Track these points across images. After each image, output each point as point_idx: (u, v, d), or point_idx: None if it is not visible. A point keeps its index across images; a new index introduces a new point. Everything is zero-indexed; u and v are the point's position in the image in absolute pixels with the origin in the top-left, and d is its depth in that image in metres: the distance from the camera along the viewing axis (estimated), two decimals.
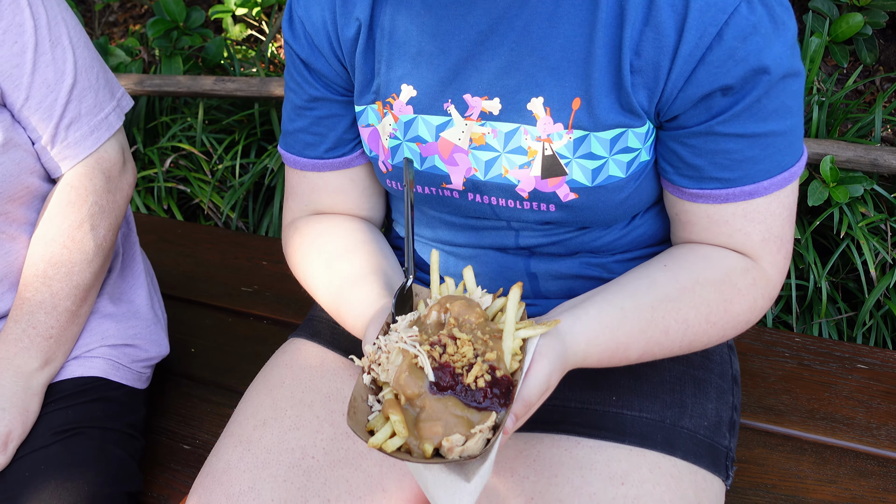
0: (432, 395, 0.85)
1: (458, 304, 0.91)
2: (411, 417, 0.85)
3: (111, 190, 1.38)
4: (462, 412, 0.84)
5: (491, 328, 0.90)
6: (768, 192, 1.04)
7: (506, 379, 0.86)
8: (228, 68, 2.89)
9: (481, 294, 0.97)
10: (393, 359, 0.89)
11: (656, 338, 1.02)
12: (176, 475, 1.44)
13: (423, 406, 0.85)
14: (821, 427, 1.43)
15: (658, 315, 1.02)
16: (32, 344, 1.29)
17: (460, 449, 0.83)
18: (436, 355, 0.86)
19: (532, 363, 0.89)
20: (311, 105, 1.19)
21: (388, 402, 0.86)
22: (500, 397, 0.85)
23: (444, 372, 0.85)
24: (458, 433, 0.83)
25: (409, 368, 0.86)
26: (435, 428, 0.83)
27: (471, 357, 0.86)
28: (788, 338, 1.63)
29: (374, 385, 0.92)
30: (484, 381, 0.85)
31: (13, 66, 1.25)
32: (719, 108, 1.00)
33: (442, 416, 0.84)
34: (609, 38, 0.99)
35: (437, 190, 1.14)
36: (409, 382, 0.85)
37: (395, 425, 0.84)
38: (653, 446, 1.10)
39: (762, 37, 0.96)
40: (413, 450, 0.84)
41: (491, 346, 0.87)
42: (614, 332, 0.98)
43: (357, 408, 0.88)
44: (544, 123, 1.04)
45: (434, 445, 0.83)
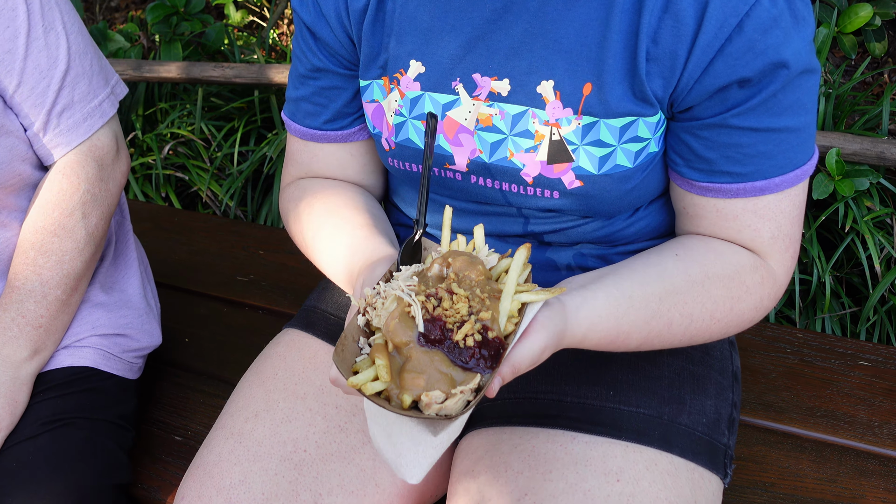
0: (420, 346, 0.83)
1: (460, 260, 0.89)
2: (397, 365, 0.84)
3: (104, 178, 1.36)
4: (447, 369, 0.83)
5: (491, 287, 0.87)
6: (779, 189, 1.02)
7: (497, 341, 0.84)
8: (228, 54, 2.87)
9: (488, 253, 0.94)
10: (388, 304, 0.87)
11: (658, 329, 1.00)
12: (167, 467, 1.43)
13: (410, 356, 0.83)
14: (821, 425, 1.41)
15: (664, 307, 1.00)
16: (21, 333, 1.27)
17: (438, 406, 0.81)
18: (429, 307, 0.84)
19: (529, 331, 0.87)
20: (313, 74, 1.18)
21: (376, 346, 0.85)
22: (487, 360, 0.83)
23: (435, 325, 0.83)
24: (439, 390, 0.81)
25: (400, 316, 0.84)
26: (417, 380, 0.82)
27: (464, 314, 0.84)
28: (790, 333, 1.60)
29: (367, 328, 0.90)
30: (473, 340, 0.83)
31: (5, 51, 1.22)
32: (735, 101, 0.98)
33: (426, 369, 0.82)
34: (626, 24, 0.97)
35: (440, 171, 1.12)
36: (398, 330, 0.84)
37: (379, 370, 0.83)
38: (650, 443, 1.08)
39: (782, 30, 0.94)
40: (392, 397, 0.83)
41: (487, 306, 0.85)
42: (618, 320, 0.96)
43: (346, 346, 0.87)
44: (553, 107, 1.02)
45: (413, 398, 0.82)
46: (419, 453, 0.86)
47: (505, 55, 1.03)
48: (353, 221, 1.14)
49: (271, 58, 2.87)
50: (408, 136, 1.11)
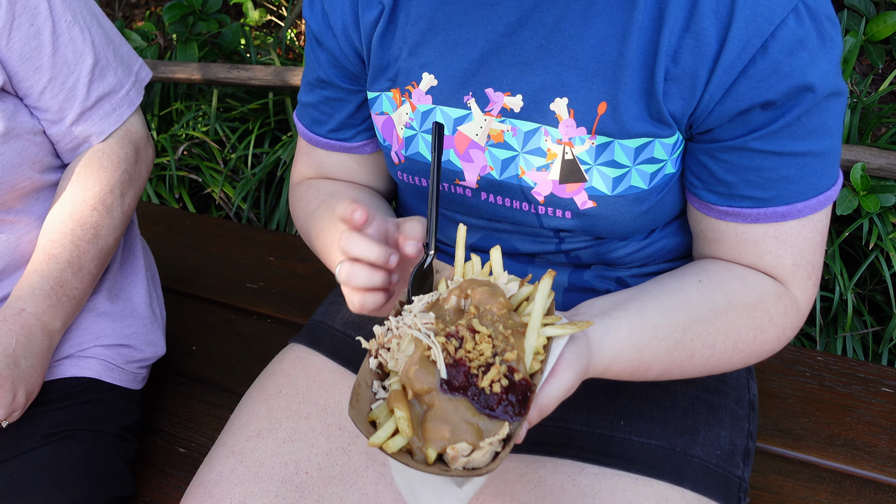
0: (443, 393, 0.78)
1: (480, 291, 0.84)
2: (417, 415, 0.78)
3: (139, 161, 1.38)
4: (473, 418, 0.77)
5: (514, 322, 0.82)
6: (802, 215, 0.99)
7: (524, 383, 0.78)
8: (244, 55, 2.85)
9: (507, 280, 0.89)
10: (404, 346, 0.81)
11: (680, 360, 0.97)
12: (170, 479, 1.41)
13: (432, 404, 0.78)
14: (840, 454, 1.36)
15: (687, 337, 0.96)
16: (59, 302, 1.25)
17: (465, 460, 0.76)
18: (451, 349, 0.79)
19: (557, 370, 0.82)
20: (321, 84, 1.18)
21: (394, 393, 0.80)
22: (514, 405, 0.78)
23: (458, 371, 0.78)
24: (465, 441, 0.76)
25: (420, 361, 0.79)
26: (442, 431, 0.76)
27: (488, 356, 0.79)
28: (810, 356, 1.56)
29: (380, 370, 0.85)
30: (500, 385, 0.77)
31: (32, 48, 1.22)
32: (757, 124, 0.94)
33: (451, 418, 0.77)
34: (644, 42, 0.94)
35: (450, 186, 1.10)
36: (420, 377, 0.78)
37: (400, 423, 0.77)
38: (661, 476, 1.04)
39: (809, 52, 0.90)
40: (415, 451, 0.77)
41: (512, 344, 0.80)
42: (641, 351, 0.93)
43: (360, 395, 0.81)
44: (566, 126, 0.99)
45: (438, 451, 0.76)
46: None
47: (519, 70, 1.00)
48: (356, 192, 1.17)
49: (287, 58, 2.85)
50: (418, 149, 1.08)
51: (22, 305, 1.23)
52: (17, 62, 1.21)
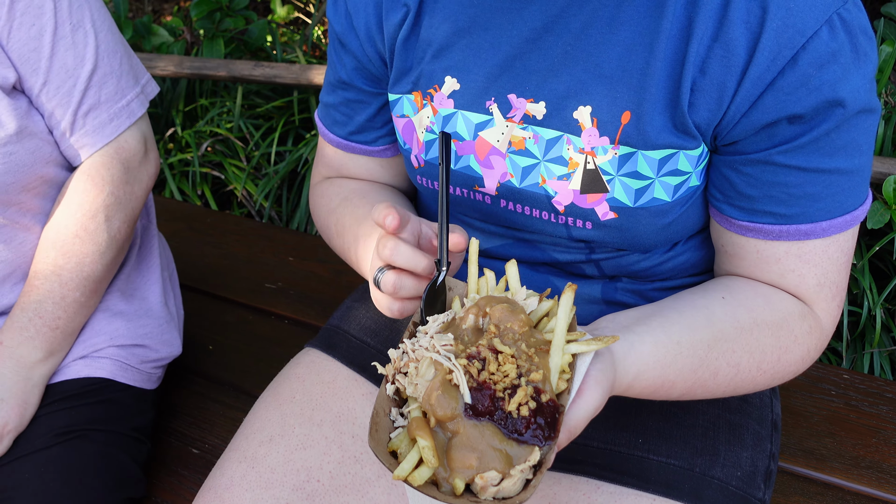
0: (467, 419, 0.74)
1: (499, 309, 0.80)
2: (441, 443, 0.75)
3: (129, 181, 1.33)
4: (501, 444, 0.73)
5: (536, 339, 0.79)
6: (826, 235, 0.95)
7: (551, 405, 0.75)
8: (270, 52, 2.85)
9: (526, 295, 0.85)
10: (423, 371, 0.77)
11: (704, 379, 0.94)
12: (182, 481, 1.40)
13: (457, 431, 0.74)
14: (866, 477, 1.32)
15: (712, 356, 0.94)
16: (38, 334, 1.26)
17: (495, 489, 0.72)
18: (473, 372, 0.75)
19: (584, 389, 0.79)
20: (342, 85, 1.17)
21: (415, 420, 0.76)
22: (543, 428, 0.74)
23: (483, 394, 0.74)
24: (494, 469, 0.72)
25: (442, 386, 0.75)
26: (469, 459, 0.73)
27: (513, 377, 0.75)
28: (836, 374, 1.52)
29: (397, 396, 0.81)
30: (528, 408, 0.74)
31: (31, 49, 1.20)
32: (783, 137, 0.91)
33: (478, 445, 0.73)
34: (672, 51, 0.91)
35: (469, 192, 1.08)
36: (443, 403, 0.74)
37: (424, 453, 0.73)
38: (679, 497, 1.02)
39: (841, 66, 0.87)
40: (440, 482, 0.74)
41: (536, 364, 0.76)
42: (665, 368, 0.90)
43: (379, 424, 0.78)
44: (589, 135, 0.97)
45: (466, 480, 0.73)
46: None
47: (542, 77, 0.98)
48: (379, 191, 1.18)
49: (313, 56, 2.84)
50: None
51: (0, 339, 1.25)
52: (17, 62, 1.20)
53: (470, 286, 0.88)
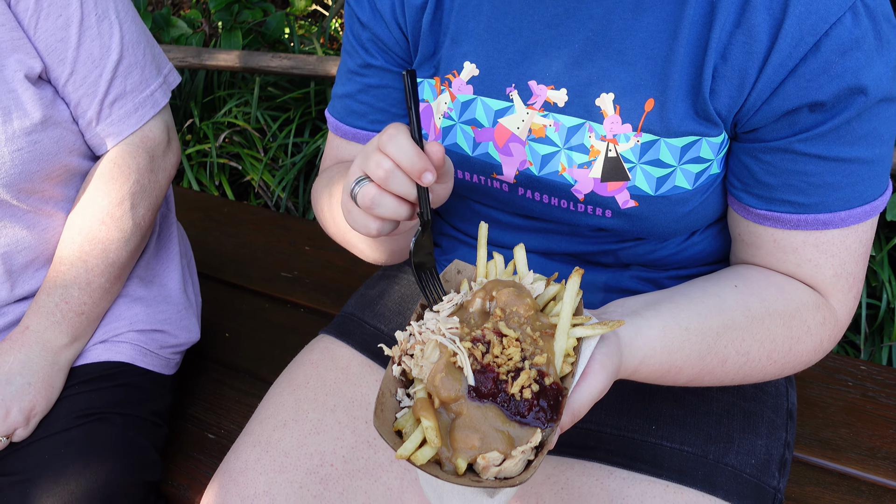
0: (471, 400, 0.75)
1: (505, 293, 0.81)
2: (445, 423, 0.76)
3: (154, 169, 1.35)
4: (503, 425, 0.74)
5: (542, 323, 0.80)
6: (844, 225, 0.95)
7: (555, 388, 0.76)
8: (288, 44, 2.86)
9: (533, 279, 0.86)
10: (428, 353, 0.79)
11: (712, 366, 0.94)
12: (198, 465, 1.41)
13: (460, 412, 0.75)
14: (882, 467, 1.32)
15: (721, 343, 0.93)
16: (64, 319, 1.27)
17: (497, 469, 0.73)
18: (477, 355, 0.76)
19: (588, 372, 0.80)
20: (363, 71, 1.15)
21: (420, 401, 0.77)
22: (546, 411, 0.75)
23: (486, 377, 0.76)
24: (496, 450, 0.73)
25: (446, 368, 0.76)
26: (471, 440, 0.74)
27: (517, 360, 0.76)
28: (853, 365, 1.51)
29: (403, 377, 0.83)
30: (531, 391, 0.75)
31: (57, 39, 1.22)
32: (804, 125, 0.91)
33: (480, 427, 0.74)
34: (694, 38, 0.91)
35: (487, 180, 1.08)
36: (446, 384, 0.75)
37: (427, 433, 0.74)
38: (692, 483, 1.01)
39: (864, 53, 0.86)
40: (444, 462, 0.75)
41: (541, 347, 0.77)
42: (672, 353, 0.90)
43: (385, 404, 0.79)
44: (612, 122, 0.96)
45: (468, 460, 0.74)
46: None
47: (564, 64, 0.98)
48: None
49: (330, 48, 2.85)
50: (455, 140, 1.06)
51: (27, 323, 1.27)
52: (44, 52, 1.22)
53: (479, 269, 0.89)
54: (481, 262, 0.89)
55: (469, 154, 1.06)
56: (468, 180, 1.10)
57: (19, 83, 1.19)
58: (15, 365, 1.23)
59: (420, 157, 0.81)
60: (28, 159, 1.21)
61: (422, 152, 0.82)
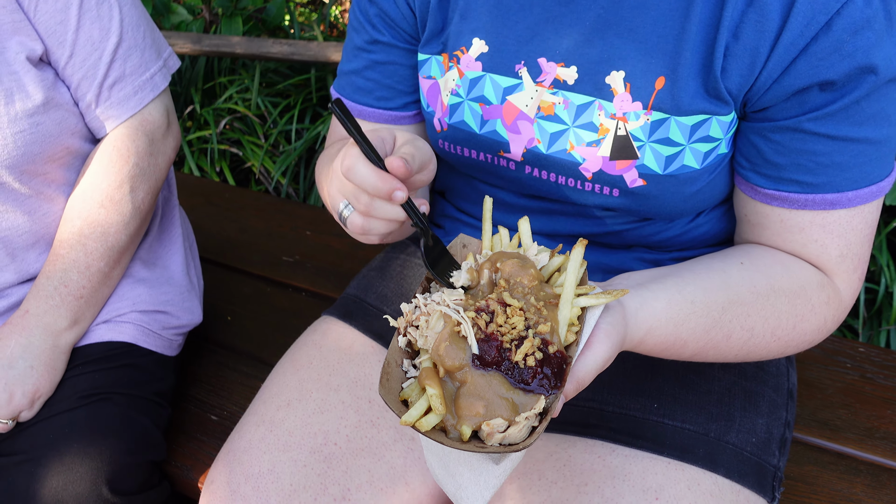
0: (475, 369, 0.76)
1: (510, 264, 0.82)
2: (450, 392, 0.77)
3: (153, 153, 1.35)
4: (508, 392, 0.75)
5: (546, 293, 0.80)
6: (851, 205, 0.95)
7: (559, 356, 0.76)
8: (288, 31, 2.85)
9: (537, 251, 0.87)
10: (433, 323, 0.80)
11: (716, 340, 0.95)
12: (201, 446, 1.42)
13: (464, 381, 0.76)
14: (880, 447, 1.33)
15: (726, 318, 0.94)
16: (63, 302, 1.28)
17: (501, 435, 0.74)
18: (481, 324, 0.77)
19: (593, 341, 0.80)
20: (370, 47, 1.14)
21: (425, 370, 0.78)
22: (550, 378, 0.76)
23: (490, 345, 0.76)
24: (500, 417, 0.74)
25: (450, 337, 0.77)
26: (476, 407, 0.75)
27: (521, 329, 0.77)
28: (852, 347, 1.52)
29: (409, 348, 0.83)
30: (534, 359, 0.76)
31: (57, 22, 1.22)
32: (813, 104, 0.91)
33: (485, 394, 0.75)
34: (707, 16, 0.91)
35: (494, 158, 1.08)
36: (450, 353, 0.76)
37: (432, 400, 0.75)
38: (693, 461, 1.02)
39: (875, 33, 0.87)
40: (449, 429, 0.76)
41: (545, 316, 0.78)
42: (677, 326, 0.91)
43: (391, 374, 0.80)
44: (622, 100, 0.96)
45: (473, 427, 0.75)
46: (480, 484, 0.79)
47: (575, 41, 0.98)
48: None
49: (331, 35, 2.85)
50: (462, 118, 1.06)
51: (27, 307, 1.27)
52: (44, 34, 1.22)
53: (484, 243, 0.90)
54: (486, 235, 0.90)
55: (476, 132, 1.06)
56: (475, 158, 1.10)
57: (21, 65, 1.19)
58: (16, 349, 1.24)
59: (383, 180, 0.82)
60: (30, 141, 1.22)
61: (384, 174, 0.82)
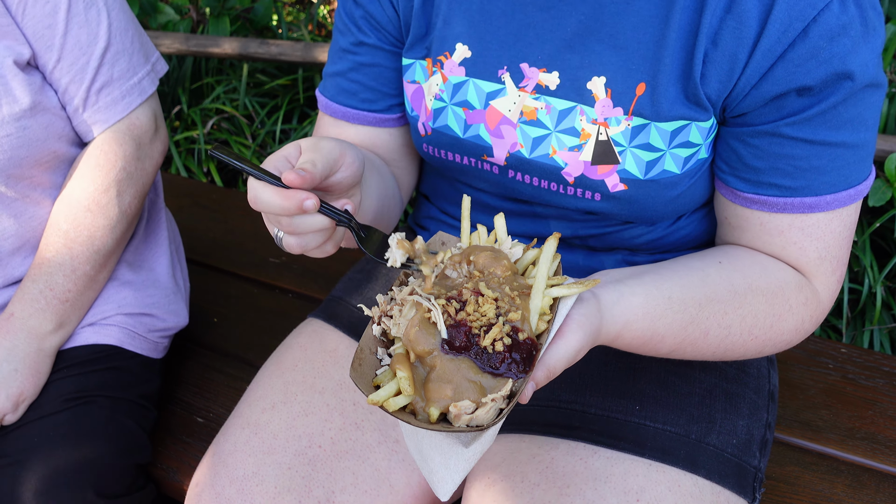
0: (444, 354, 0.78)
1: (483, 256, 0.85)
2: (420, 376, 0.79)
3: (140, 157, 1.35)
4: (476, 376, 0.78)
5: (519, 283, 0.82)
6: (830, 208, 0.96)
7: (528, 342, 0.78)
8: (276, 31, 2.85)
9: (512, 244, 0.89)
10: (406, 312, 0.82)
11: (693, 337, 0.96)
12: (187, 448, 1.42)
13: (434, 365, 0.78)
14: (860, 448, 1.34)
15: (703, 315, 0.95)
16: (48, 306, 1.28)
17: (468, 417, 0.76)
18: (451, 311, 0.79)
19: (564, 330, 0.82)
20: (355, 49, 1.14)
21: (397, 356, 0.81)
22: (519, 363, 0.78)
23: (459, 331, 0.78)
24: (468, 399, 0.76)
25: (420, 323, 0.79)
26: (444, 390, 0.77)
27: (491, 317, 0.79)
28: (834, 348, 1.53)
29: (384, 338, 0.86)
30: (503, 344, 0.78)
31: (45, 26, 1.22)
32: (791, 110, 0.92)
33: (453, 378, 0.77)
34: (686, 23, 0.92)
35: (477, 162, 1.08)
36: (420, 338, 0.79)
37: (401, 382, 0.78)
38: (674, 462, 1.03)
39: (851, 39, 0.88)
40: (418, 411, 0.78)
41: (517, 305, 0.80)
42: (654, 321, 0.92)
43: (364, 360, 0.82)
44: (603, 106, 0.97)
45: (441, 409, 0.77)
46: (450, 468, 0.81)
47: (556, 47, 0.99)
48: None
49: (318, 35, 2.85)
50: (446, 122, 1.07)
51: (12, 310, 1.27)
52: (32, 38, 1.22)
53: (462, 240, 0.92)
54: (465, 233, 0.92)
55: (460, 136, 1.07)
56: (458, 162, 1.11)
57: (8, 69, 1.19)
58: (1, 352, 1.24)
59: (285, 197, 0.80)
60: (17, 145, 1.22)
61: (285, 191, 0.80)
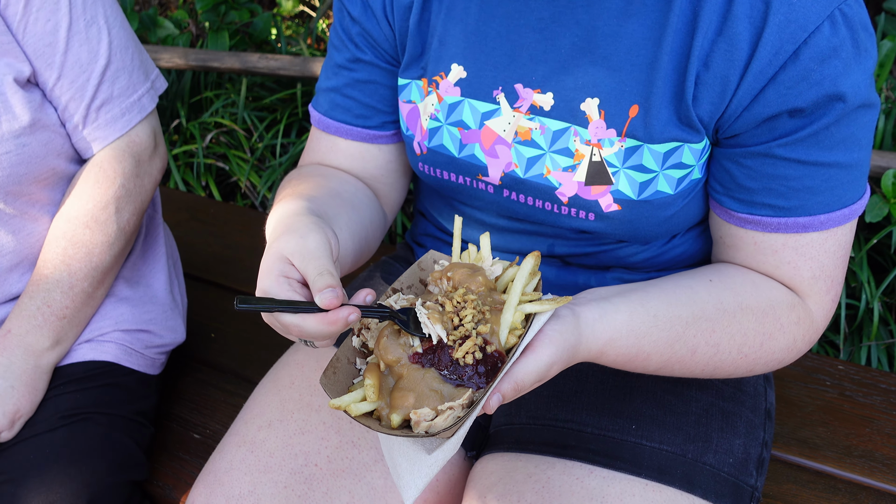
0: (411, 363, 0.82)
1: (460, 272, 0.87)
2: (388, 385, 0.83)
3: (139, 174, 1.36)
4: (439, 386, 0.81)
5: (493, 299, 0.85)
6: (824, 228, 0.97)
7: (495, 355, 0.82)
8: (275, 45, 2.86)
9: (493, 262, 0.92)
10: (382, 324, 0.86)
11: (681, 355, 0.96)
12: (184, 465, 1.42)
13: (401, 375, 0.82)
14: (858, 465, 1.34)
15: (690, 332, 0.95)
16: (46, 322, 1.28)
17: (427, 424, 0.80)
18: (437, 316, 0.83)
19: (535, 345, 0.83)
20: (351, 65, 1.15)
21: (369, 366, 0.85)
22: (482, 375, 0.81)
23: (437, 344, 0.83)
24: (427, 407, 0.80)
25: (390, 333, 0.83)
26: (407, 398, 0.81)
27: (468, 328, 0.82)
28: (831, 365, 1.53)
29: (364, 349, 0.89)
30: (473, 357, 0.81)
31: (46, 44, 1.22)
32: (783, 131, 0.93)
33: (416, 387, 0.81)
34: (678, 45, 0.93)
35: (472, 181, 1.09)
36: (389, 347, 0.83)
37: (367, 390, 0.82)
38: (671, 482, 1.03)
39: (842, 61, 0.88)
40: (383, 417, 0.82)
41: (487, 319, 0.83)
42: (639, 338, 0.92)
43: (339, 368, 0.87)
44: (596, 127, 0.98)
45: (403, 416, 0.81)
46: (414, 473, 0.84)
47: (551, 68, 0.99)
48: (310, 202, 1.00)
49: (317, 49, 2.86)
50: (441, 142, 1.08)
51: (9, 327, 1.27)
52: (32, 56, 1.22)
53: (453, 258, 0.94)
54: (456, 252, 0.94)
55: (455, 155, 1.08)
56: (454, 181, 1.11)
57: (8, 86, 1.20)
58: None
59: (331, 322, 0.79)
60: (16, 162, 1.22)
61: (328, 316, 0.79)
